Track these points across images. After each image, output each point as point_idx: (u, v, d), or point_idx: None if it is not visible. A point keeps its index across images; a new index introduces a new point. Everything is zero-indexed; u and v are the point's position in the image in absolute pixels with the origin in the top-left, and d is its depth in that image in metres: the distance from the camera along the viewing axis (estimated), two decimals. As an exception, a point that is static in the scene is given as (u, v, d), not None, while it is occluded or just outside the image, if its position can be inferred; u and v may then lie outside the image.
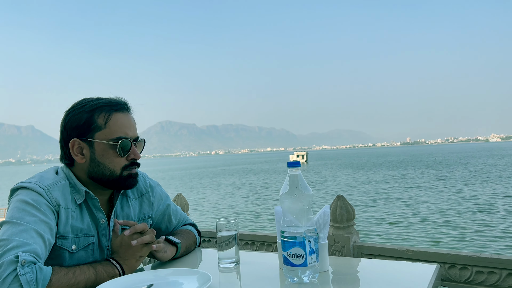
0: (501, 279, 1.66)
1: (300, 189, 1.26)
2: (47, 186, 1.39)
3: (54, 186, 1.40)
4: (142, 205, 1.69)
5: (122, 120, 1.49)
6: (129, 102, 1.59)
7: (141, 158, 1.58)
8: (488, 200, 18.75)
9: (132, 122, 1.54)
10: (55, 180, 1.43)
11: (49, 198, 1.36)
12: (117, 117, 1.48)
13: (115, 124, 1.47)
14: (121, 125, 1.48)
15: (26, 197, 1.34)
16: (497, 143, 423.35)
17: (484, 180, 28.51)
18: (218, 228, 1.44)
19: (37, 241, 1.25)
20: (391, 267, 1.45)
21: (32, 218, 1.29)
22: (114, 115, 1.48)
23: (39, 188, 1.36)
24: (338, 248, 2.03)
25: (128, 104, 1.56)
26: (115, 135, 1.46)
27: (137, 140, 1.54)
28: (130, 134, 1.50)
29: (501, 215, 14.87)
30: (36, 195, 1.35)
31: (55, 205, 1.37)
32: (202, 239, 2.66)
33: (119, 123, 1.48)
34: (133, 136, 1.52)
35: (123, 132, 1.48)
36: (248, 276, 1.37)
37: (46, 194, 1.36)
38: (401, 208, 17.68)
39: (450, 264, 1.76)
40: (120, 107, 1.51)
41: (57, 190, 1.40)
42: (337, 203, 2.06)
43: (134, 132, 1.53)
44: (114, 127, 1.46)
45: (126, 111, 1.53)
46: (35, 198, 1.34)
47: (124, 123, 1.49)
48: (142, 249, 1.43)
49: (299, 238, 1.23)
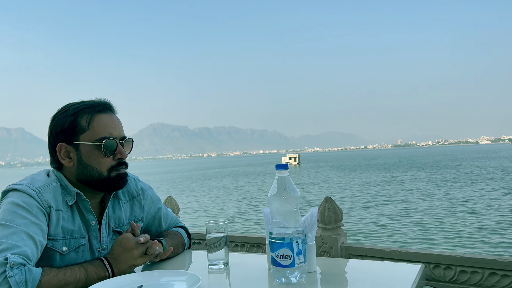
0: (483, 278, 1.70)
1: (288, 191, 1.29)
2: (38, 188, 1.39)
3: (45, 188, 1.41)
4: (133, 207, 1.70)
5: (105, 120, 1.50)
6: (113, 103, 1.59)
7: (133, 160, 1.58)
8: (476, 201, 18.97)
9: (117, 122, 1.54)
10: (46, 182, 1.44)
11: (40, 200, 1.37)
12: (100, 118, 1.49)
13: (99, 125, 1.48)
14: (104, 126, 1.49)
15: (17, 199, 1.34)
16: (487, 145, 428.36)
17: (474, 181, 28.83)
18: (208, 230, 1.46)
19: (28, 243, 1.26)
20: (378, 267, 1.48)
21: (23, 221, 1.29)
22: (96, 116, 1.49)
23: (31, 190, 1.37)
24: (326, 249, 2.06)
25: (111, 105, 1.56)
26: (99, 135, 1.47)
27: (124, 139, 1.55)
28: (115, 133, 1.51)
29: (486, 216, 15.07)
30: (27, 197, 1.36)
31: (46, 207, 1.38)
32: (193, 241, 2.67)
33: (103, 123, 1.49)
34: (119, 135, 1.52)
35: (107, 132, 1.48)
36: (237, 277, 1.39)
37: (38, 196, 1.37)
38: (390, 210, 17.81)
39: (434, 264, 1.80)
40: (102, 108, 1.51)
41: (48, 192, 1.41)
42: (325, 205, 2.10)
43: (119, 131, 1.53)
44: (98, 128, 1.48)
45: (109, 111, 1.54)
46: (26, 200, 1.35)
47: (107, 123, 1.50)
48: (137, 259, 1.43)
49: (287, 239, 1.25)
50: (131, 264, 1.42)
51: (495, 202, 18.65)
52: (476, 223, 13.89)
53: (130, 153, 1.62)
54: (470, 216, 15.30)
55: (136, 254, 1.41)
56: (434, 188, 26.05)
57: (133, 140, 1.63)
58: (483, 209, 16.86)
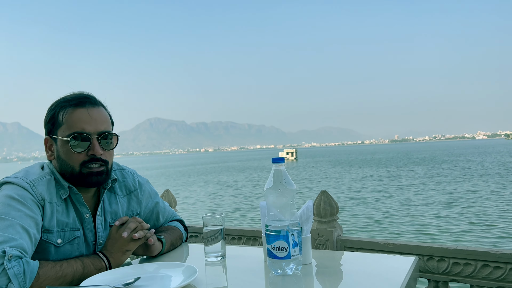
0: (476, 270, 1.73)
1: (284, 184, 1.30)
2: (32, 181, 1.40)
3: (39, 181, 1.42)
4: (130, 202, 1.70)
5: (79, 115, 1.47)
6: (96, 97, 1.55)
7: (129, 155, 1.58)
8: (470, 196, 19.09)
9: (94, 116, 1.49)
10: (40, 175, 1.45)
11: (34, 193, 1.38)
12: (73, 113, 1.47)
13: (71, 120, 1.46)
14: (77, 120, 1.46)
15: (11, 192, 1.35)
16: (483, 141, 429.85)
17: (472, 176, 28.98)
18: (205, 223, 1.47)
19: (23, 236, 1.27)
20: (372, 259, 1.50)
21: (18, 213, 1.30)
22: (70, 111, 1.47)
23: (24, 183, 1.38)
24: (321, 242, 2.08)
25: (91, 99, 1.52)
26: (71, 130, 1.46)
27: (102, 134, 1.50)
28: (89, 128, 1.47)
29: (480, 210, 15.18)
30: (22, 190, 1.36)
31: (40, 200, 1.39)
32: (190, 235, 2.68)
33: (75, 118, 1.46)
34: (94, 130, 1.48)
35: (79, 127, 1.46)
36: (234, 269, 1.41)
37: (31, 189, 1.38)
38: (387, 204, 17.90)
39: (428, 256, 1.82)
40: (78, 102, 1.49)
41: (42, 184, 1.42)
42: (321, 198, 2.11)
43: (95, 126, 1.48)
44: (71, 123, 1.46)
45: (87, 105, 1.49)
46: (21, 193, 1.35)
47: (81, 118, 1.47)
48: (129, 244, 1.45)
49: (283, 231, 1.27)
50: (124, 250, 1.44)
51: (491, 196, 18.78)
52: (470, 217, 13.99)
53: (126, 148, 1.61)
54: (464, 210, 15.41)
55: (126, 240, 1.45)
56: (430, 182, 26.17)
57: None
58: (477, 202, 16.98)
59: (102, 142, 1.50)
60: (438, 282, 1.84)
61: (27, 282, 1.17)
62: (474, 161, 47.73)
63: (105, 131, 1.51)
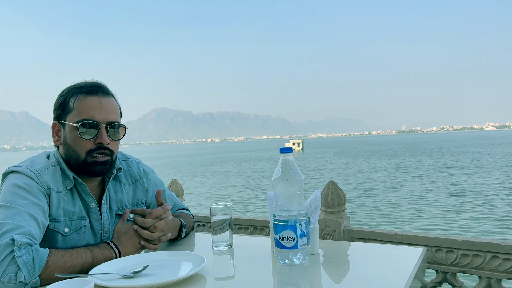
0: (485, 261, 1.72)
1: (292, 174, 1.30)
2: (38, 170, 1.41)
3: (44, 170, 1.43)
4: (136, 191, 1.71)
5: (90, 102, 1.47)
6: (108, 87, 1.55)
7: (136, 145, 1.57)
8: (480, 188, 18.97)
9: (104, 106, 1.49)
10: (46, 164, 1.46)
11: (40, 182, 1.39)
12: (85, 100, 1.47)
13: (82, 107, 1.46)
14: (88, 108, 1.46)
15: (17, 180, 1.36)
16: (492, 132, 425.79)
17: (480, 168, 28.76)
18: (212, 212, 1.47)
19: (31, 223, 1.28)
20: (380, 250, 1.49)
21: (24, 201, 1.31)
22: (82, 98, 1.47)
23: (30, 172, 1.39)
24: (329, 232, 2.07)
25: (103, 88, 1.52)
26: (81, 117, 1.45)
27: (111, 124, 1.50)
28: (98, 117, 1.47)
29: (490, 201, 15.09)
30: (27, 179, 1.37)
31: (46, 189, 1.40)
32: (197, 224, 2.70)
33: (86, 105, 1.46)
34: (103, 119, 1.48)
35: (89, 115, 1.46)
36: (241, 258, 1.41)
37: (37, 178, 1.39)
38: (394, 195, 17.86)
39: (436, 247, 1.81)
40: (90, 90, 1.49)
41: (48, 174, 1.43)
42: (328, 189, 2.10)
43: (105, 116, 1.48)
44: (81, 110, 1.46)
45: (99, 94, 1.49)
46: (27, 182, 1.36)
47: (91, 105, 1.47)
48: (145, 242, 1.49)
49: (291, 221, 1.26)
50: (138, 247, 1.47)
51: (500, 187, 18.65)
52: (480, 209, 13.92)
53: (133, 138, 1.61)
54: (474, 202, 15.33)
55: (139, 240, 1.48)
56: (439, 174, 26.03)
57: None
58: (487, 194, 16.87)
59: (110, 131, 1.50)
60: (446, 274, 1.83)
61: (36, 270, 1.18)
62: (483, 152, 47.33)
63: (114, 121, 1.51)
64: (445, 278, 1.84)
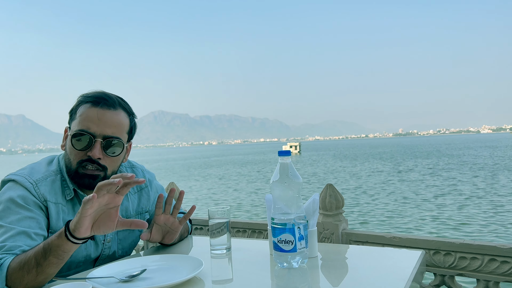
0: (483, 264, 1.72)
1: (290, 177, 1.29)
2: (35, 181, 1.40)
3: (42, 181, 1.42)
4: (141, 199, 1.71)
5: (89, 113, 1.44)
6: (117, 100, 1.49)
7: (134, 148, 1.55)
8: (478, 191, 19.02)
9: (103, 119, 1.43)
10: (45, 174, 1.45)
11: (37, 194, 1.38)
12: (86, 110, 1.45)
13: (81, 116, 1.45)
14: (85, 118, 1.43)
15: (13, 193, 1.36)
16: (488, 135, 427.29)
17: (479, 169, 28.86)
18: (210, 215, 1.47)
19: (18, 238, 1.27)
20: (378, 253, 1.49)
21: (16, 216, 1.32)
22: (84, 107, 1.46)
23: (28, 183, 1.38)
24: (327, 235, 2.07)
25: (109, 100, 1.47)
26: (77, 127, 1.44)
27: (106, 139, 1.44)
28: (94, 129, 1.42)
29: (488, 204, 15.14)
30: (23, 191, 1.37)
31: (42, 201, 1.39)
32: (194, 227, 2.69)
33: (85, 115, 1.44)
34: (99, 133, 1.42)
35: (85, 126, 1.43)
36: (239, 261, 1.40)
37: (34, 190, 1.38)
38: (392, 198, 17.88)
39: (434, 250, 1.81)
40: (94, 101, 1.45)
41: (45, 185, 1.42)
42: (326, 191, 2.11)
43: (102, 129, 1.43)
44: (80, 119, 1.45)
45: (99, 106, 1.45)
46: (22, 195, 1.36)
47: (89, 116, 1.43)
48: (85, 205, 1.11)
49: (289, 224, 1.26)
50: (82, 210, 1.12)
51: (498, 190, 18.71)
52: (478, 211, 13.96)
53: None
54: (473, 205, 15.37)
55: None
56: (435, 177, 26.10)
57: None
58: (485, 197, 16.93)
59: (106, 146, 1.45)
60: (444, 276, 1.83)
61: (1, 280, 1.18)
62: (481, 156, 47.47)
63: (111, 136, 1.45)
64: (443, 281, 1.84)
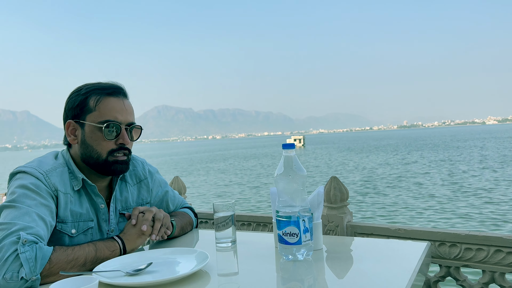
0: (489, 255, 1.71)
1: (294, 170, 1.29)
2: (45, 172, 1.42)
3: (52, 172, 1.44)
4: (141, 190, 1.73)
5: (112, 104, 1.51)
6: (127, 89, 1.59)
7: (138, 142, 1.59)
8: (484, 184, 18.93)
9: (125, 107, 1.54)
10: (53, 166, 1.46)
11: (48, 183, 1.40)
12: (108, 101, 1.50)
13: (105, 107, 1.49)
14: (111, 109, 1.50)
15: (25, 181, 1.37)
16: (494, 126, 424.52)
17: (487, 162, 28.69)
18: (215, 209, 1.47)
19: (39, 223, 1.29)
20: (383, 245, 1.49)
21: (33, 202, 1.32)
22: (104, 99, 1.50)
23: (38, 173, 1.40)
24: (332, 228, 2.08)
25: (124, 90, 1.57)
26: (104, 118, 1.48)
27: (130, 125, 1.55)
28: (120, 118, 1.51)
29: (495, 196, 15.07)
30: (35, 180, 1.38)
31: (53, 190, 1.41)
32: (200, 221, 2.70)
33: (109, 106, 1.50)
34: (125, 121, 1.53)
35: (112, 116, 1.49)
36: (245, 254, 1.41)
37: (45, 179, 1.40)
38: (397, 190, 17.85)
39: (440, 241, 1.81)
40: (112, 91, 1.52)
41: (55, 175, 1.44)
42: (331, 184, 2.10)
43: (126, 117, 1.53)
44: (104, 110, 1.49)
45: (119, 95, 1.54)
46: (34, 182, 1.37)
47: (114, 107, 1.51)
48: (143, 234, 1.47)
49: (294, 217, 1.26)
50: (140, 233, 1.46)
51: (506, 181, 18.62)
52: (484, 203, 13.90)
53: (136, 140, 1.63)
54: (478, 196, 15.31)
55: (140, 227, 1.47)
56: (441, 168, 25.99)
57: (142, 128, 1.63)
58: (492, 189, 16.85)
59: (129, 132, 1.55)
60: (450, 268, 1.83)
61: (38, 267, 1.18)
62: (488, 147, 47.14)
63: (133, 122, 1.57)
64: (448, 272, 1.84)
